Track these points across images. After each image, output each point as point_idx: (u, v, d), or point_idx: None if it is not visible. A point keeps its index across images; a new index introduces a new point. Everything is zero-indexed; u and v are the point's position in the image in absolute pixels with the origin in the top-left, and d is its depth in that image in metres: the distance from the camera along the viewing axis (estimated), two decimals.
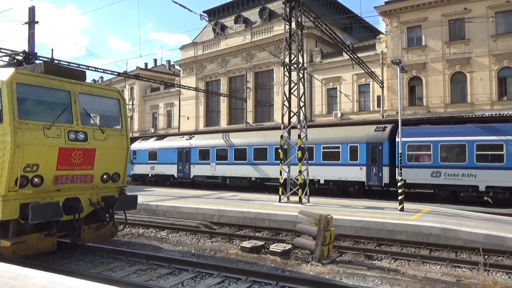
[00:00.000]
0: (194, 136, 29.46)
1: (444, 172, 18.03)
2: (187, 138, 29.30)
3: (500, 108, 23.74)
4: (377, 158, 19.81)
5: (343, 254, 9.34)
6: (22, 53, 9.70)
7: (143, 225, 12.73)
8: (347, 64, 27.29)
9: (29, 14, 16.42)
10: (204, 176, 27.15)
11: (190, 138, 29.17)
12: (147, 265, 7.82)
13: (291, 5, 16.54)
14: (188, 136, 30.01)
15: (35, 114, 7.31)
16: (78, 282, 4.83)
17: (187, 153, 27.89)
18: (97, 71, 22.03)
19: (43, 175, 7.25)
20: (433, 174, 18.16)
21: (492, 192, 17.24)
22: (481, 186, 17.23)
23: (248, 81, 36.50)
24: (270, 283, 6.66)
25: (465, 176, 17.65)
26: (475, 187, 17.34)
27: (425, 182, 18.63)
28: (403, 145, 18.02)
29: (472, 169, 17.45)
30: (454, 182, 17.87)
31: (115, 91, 9.08)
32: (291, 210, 13.17)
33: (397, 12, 27.79)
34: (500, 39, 24.32)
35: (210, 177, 26.86)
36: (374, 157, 19.86)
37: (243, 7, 39.13)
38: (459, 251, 9.43)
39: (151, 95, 47.21)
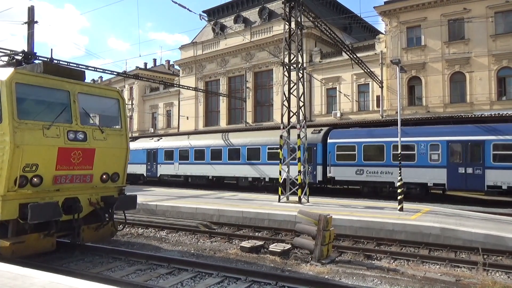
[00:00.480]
0: (162, 138, 31.54)
1: (366, 170, 20.13)
2: (156, 140, 31.30)
3: (500, 108, 23.76)
4: (311, 158, 21.43)
5: (343, 254, 9.34)
6: (21, 53, 9.69)
7: (142, 225, 12.72)
8: (346, 64, 27.30)
9: (29, 13, 16.40)
10: (169, 175, 29.31)
11: (158, 140, 31.14)
12: (147, 265, 7.82)
13: (291, 5, 16.54)
14: (157, 138, 31.97)
15: (35, 114, 7.30)
16: (78, 282, 4.83)
17: (155, 153, 29.92)
18: (97, 71, 22.00)
19: (43, 175, 7.25)
20: (358, 172, 20.21)
21: (405, 188, 18.12)
22: (396, 182, 17.83)
23: (248, 81, 36.50)
24: (269, 283, 6.66)
25: (383, 174, 19.71)
26: (392, 183, 18.98)
27: (351, 179, 20.83)
28: (333, 146, 20.69)
29: (390, 167, 19.35)
30: (375, 179, 19.96)
31: (115, 91, 9.07)
32: (290, 210, 13.17)
33: (396, 12, 27.80)
34: (499, 39, 24.34)
35: (174, 175, 29.13)
36: (310, 157, 21.23)
37: (243, 7, 39.12)
38: (458, 251, 9.44)
39: (151, 95, 47.18)
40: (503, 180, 16.91)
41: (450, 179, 18.12)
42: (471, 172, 17.71)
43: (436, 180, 18.50)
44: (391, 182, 19.25)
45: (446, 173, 18.22)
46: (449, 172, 18.16)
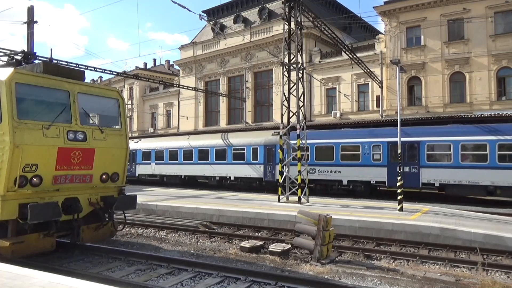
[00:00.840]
0: (141, 140, 33.13)
1: (318, 169, 21.66)
2: (135, 141, 32.44)
3: (499, 108, 23.79)
4: (271, 158, 23.31)
5: (342, 254, 9.34)
6: (21, 53, 9.67)
7: (142, 225, 12.72)
8: (346, 64, 27.31)
9: (28, 13, 16.40)
10: (147, 174, 30.91)
11: (137, 141, 32.49)
12: (146, 265, 7.81)
13: (290, 5, 16.53)
14: (136, 140, 33.38)
15: (34, 114, 7.30)
16: (77, 282, 4.83)
17: (134, 154, 30.95)
18: (96, 71, 22.01)
19: (42, 175, 7.24)
20: (310, 171, 20.67)
21: (352, 185, 20.75)
22: (344, 181, 20.89)
23: (247, 81, 36.51)
24: (269, 283, 6.66)
25: (332, 172, 21.36)
26: (340, 181, 21.02)
27: None
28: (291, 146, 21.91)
29: (338, 166, 21.11)
30: (325, 177, 21.54)
31: (114, 91, 9.07)
32: (290, 210, 13.17)
33: (396, 12, 27.82)
34: (499, 39, 24.36)
35: (151, 175, 30.65)
36: (270, 157, 23.35)
37: (242, 7, 39.12)
38: (458, 251, 9.45)
39: (150, 95, 47.17)
40: (435, 178, 18.30)
41: (390, 177, 19.08)
42: (408, 170, 18.81)
43: (378, 178, 19.82)
44: (339, 180, 20.99)
45: (387, 172, 19.41)
46: (389, 171, 19.22)
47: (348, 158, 20.83)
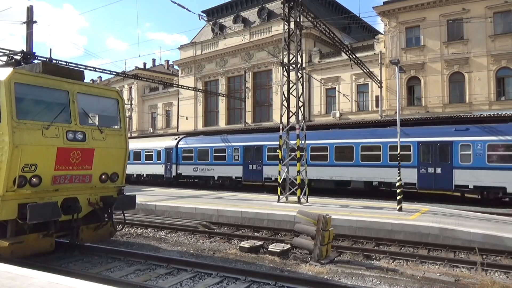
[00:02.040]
0: None
1: (199, 167, 27.03)
2: None
3: (499, 108, 23.80)
4: (170, 159, 28.69)
5: (342, 254, 9.34)
6: (20, 53, 9.67)
7: (141, 225, 12.71)
8: (345, 64, 27.33)
9: (27, 13, 16.38)
10: None
11: None
12: (146, 265, 7.81)
13: (290, 5, 16.53)
14: None
15: (33, 114, 7.29)
16: (77, 282, 4.82)
17: None
18: (96, 71, 21.99)
19: (41, 175, 7.24)
20: (194, 169, 27.23)
21: (221, 180, 25.93)
22: (215, 176, 26.25)
23: (247, 81, 36.50)
24: (268, 283, 6.66)
25: (208, 170, 26.62)
26: (213, 177, 26.32)
27: (191, 174, 27.70)
28: (181, 150, 28.29)
29: (211, 165, 26.48)
30: (204, 174, 26.79)
31: (114, 91, 9.06)
32: (289, 210, 13.17)
33: (395, 12, 27.83)
34: (498, 39, 24.38)
35: None
36: (169, 157, 28.79)
37: (242, 7, 39.12)
38: (457, 251, 9.45)
39: (150, 95, 47.15)
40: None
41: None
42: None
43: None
44: (212, 176, 26.39)
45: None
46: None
47: (219, 158, 26.24)
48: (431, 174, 18.48)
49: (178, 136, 30.49)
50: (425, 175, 18.65)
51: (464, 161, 17.78)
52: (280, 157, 16.56)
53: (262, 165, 23.88)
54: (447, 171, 18.06)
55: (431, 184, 18.53)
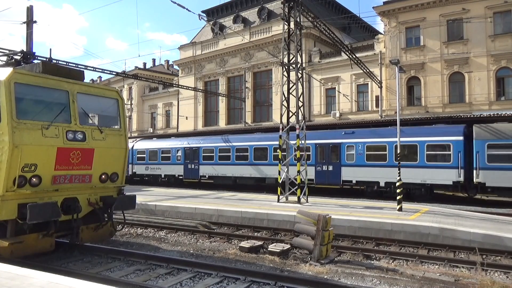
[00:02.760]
0: None
1: (150, 167, 29.96)
2: None
3: (498, 108, 23.81)
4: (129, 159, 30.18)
5: (342, 254, 9.34)
6: (20, 53, 9.66)
7: (141, 225, 12.71)
8: (345, 64, 27.34)
9: (27, 13, 16.38)
10: None
11: None
12: (146, 265, 7.81)
13: (290, 5, 16.52)
14: None
15: (33, 114, 7.29)
16: (77, 282, 4.82)
17: None
18: (96, 71, 21.99)
19: (41, 175, 7.23)
20: (146, 168, 30.25)
21: (167, 178, 28.66)
22: (162, 175, 28.97)
23: (247, 81, 36.50)
24: (268, 283, 6.66)
25: (156, 169, 29.40)
26: (160, 176, 29.12)
27: (144, 173, 30.36)
28: (135, 151, 30.91)
29: (159, 165, 29.16)
30: (153, 172, 29.61)
31: (114, 91, 9.06)
32: (289, 210, 13.17)
33: (395, 12, 27.84)
34: (498, 39, 24.39)
35: None
36: None
37: (242, 7, 39.12)
38: (457, 251, 9.45)
39: (150, 95, 47.14)
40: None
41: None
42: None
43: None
44: (160, 175, 29.10)
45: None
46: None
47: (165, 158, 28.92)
48: (325, 171, 21.32)
49: (135, 139, 33.79)
50: (320, 172, 21.43)
51: (349, 160, 20.58)
52: (280, 157, 16.58)
53: (198, 165, 26.64)
54: (336, 169, 20.92)
55: (325, 180, 21.34)
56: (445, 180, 17.79)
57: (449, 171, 17.68)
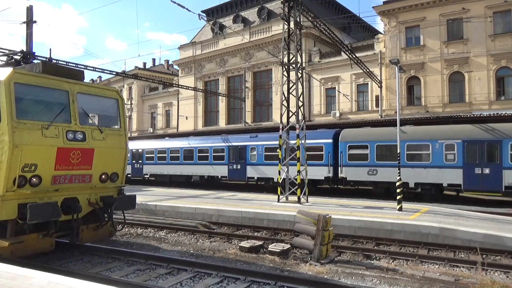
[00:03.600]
0: None
1: None
2: None
3: (498, 107, 23.81)
4: None
5: (342, 254, 9.34)
6: (20, 53, 9.65)
7: (141, 225, 12.71)
8: (345, 64, 27.34)
9: (27, 13, 16.36)
10: None
11: None
12: (146, 265, 7.81)
13: (290, 4, 16.52)
14: None
15: (33, 113, 7.28)
16: (77, 282, 4.82)
17: None
18: (96, 70, 21.99)
19: (41, 175, 7.23)
20: None
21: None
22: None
23: (247, 81, 36.50)
24: (268, 283, 6.66)
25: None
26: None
27: None
28: None
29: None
30: None
31: (114, 91, 9.05)
32: (289, 210, 13.17)
33: (395, 12, 27.83)
34: (498, 39, 24.38)
35: None
36: None
37: (242, 6, 39.11)
38: (457, 251, 9.45)
39: (150, 95, 47.13)
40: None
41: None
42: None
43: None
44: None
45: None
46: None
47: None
48: (235, 169, 24.69)
49: None
50: (232, 170, 24.87)
51: (253, 160, 23.96)
52: (280, 157, 16.58)
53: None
54: (243, 167, 24.33)
55: (235, 177, 24.81)
56: (320, 176, 21.34)
57: (322, 168, 21.32)
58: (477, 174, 17.62)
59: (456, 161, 17.97)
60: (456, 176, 17.87)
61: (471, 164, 17.75)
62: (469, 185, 17.78)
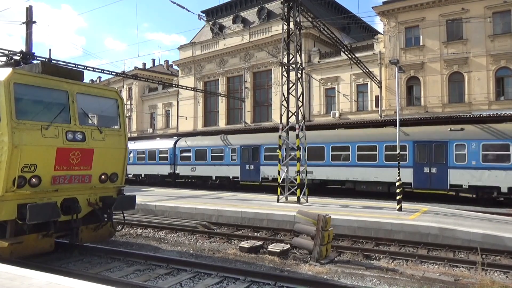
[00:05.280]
0: None
1: None
2: None
3: (498, 108, 23.82)
4: None
5: (341, 254, 9.34)
6: (19, 53, 9.65)
7: (141, 225, 12.70)
8: (345, 64, 27.35)
9: (27, 13, 16.37)
10: None
11: None
12: (145, 266, 7.81)
13: (289, 5, 16.53)
14: None
15: (33, 114, 7.28)
16: (76, 283, 4.82)
17: None
18: (95, 71, 22.00)
19: (41, 176, 7.23)
20: None
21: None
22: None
23: (246, 81, 36.50)
24: (268, 283, 6.66)
25: None
26: None
27: None
28: None
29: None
30: None
31: (113, 91, 9.05)
32: (289, 210, 13.17)
33: (395, 12, 27.84)
34: (497, 39, 24.40)
35: None
36: None
37: (241, 7, 39.12)
38: (457, 251, 9.46)
39: (149, 95, 47.13)
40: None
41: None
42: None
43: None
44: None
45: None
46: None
47: None
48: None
49: None
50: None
51: None
52: (280, 157, 16.58)
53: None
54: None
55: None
56: (167, 171, 28.56)
57: (167, 167, 28.60)
58: (425, 173, 18.59)
59: (407, 161, 18.91)
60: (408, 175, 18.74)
61: (420, 164, 18.76)
62: (418, 184, 18.79)
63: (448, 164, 17.94)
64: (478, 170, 17.25)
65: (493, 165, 16.93)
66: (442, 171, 18.03)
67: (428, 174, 18.27)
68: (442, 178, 17.99)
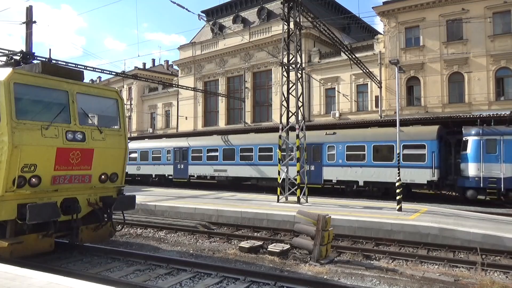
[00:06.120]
0: None
1: None
2: None
3: (498, 108, 23.81)
4: None
5: (341, 254, 9.34)
6: (19, 53, 9.65)
7: (141, 225, 12.70)
8: (345, 64, 27.35)
9: (27, 13, 16.36)
10: None
11: None
12: (145, 265, 7.81)
13: (289, 5, 16.53)
14: None
15: (33, 114, 7.28)
16: (76, 283, 4.82)
17: None
18: (95, 71, 22.01)
19: (41, 175, 7.23)
20: None
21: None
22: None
23: (246, 81, 36.50)
24: (268, 283, 6.66)
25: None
26: None
27: None
28: None
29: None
30: None
31: (113, 91, 9.06)
32: (289, 210, 13.17)
33: (395, 12, 27.85)
34: (497, 39, 24.40)
35: None
36: None
37: (241, 7, 39.11)
38: (456, 251, 9.46)
39: (149, 95, 47.12)
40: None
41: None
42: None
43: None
44: None
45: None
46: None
47: None
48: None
49: None
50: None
51: None
52: (280, 157, 16.58)
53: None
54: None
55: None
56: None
57: None
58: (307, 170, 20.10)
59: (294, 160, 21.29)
60: None
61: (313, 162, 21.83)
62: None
63: (323, 163, 21.35)
64: (343, 168, 20.76)
65: (354, 163, 20.49)
66: (319, 169, 21.54)
67: (308, 171, 19.68)
68: (318, 174, 21.36)
